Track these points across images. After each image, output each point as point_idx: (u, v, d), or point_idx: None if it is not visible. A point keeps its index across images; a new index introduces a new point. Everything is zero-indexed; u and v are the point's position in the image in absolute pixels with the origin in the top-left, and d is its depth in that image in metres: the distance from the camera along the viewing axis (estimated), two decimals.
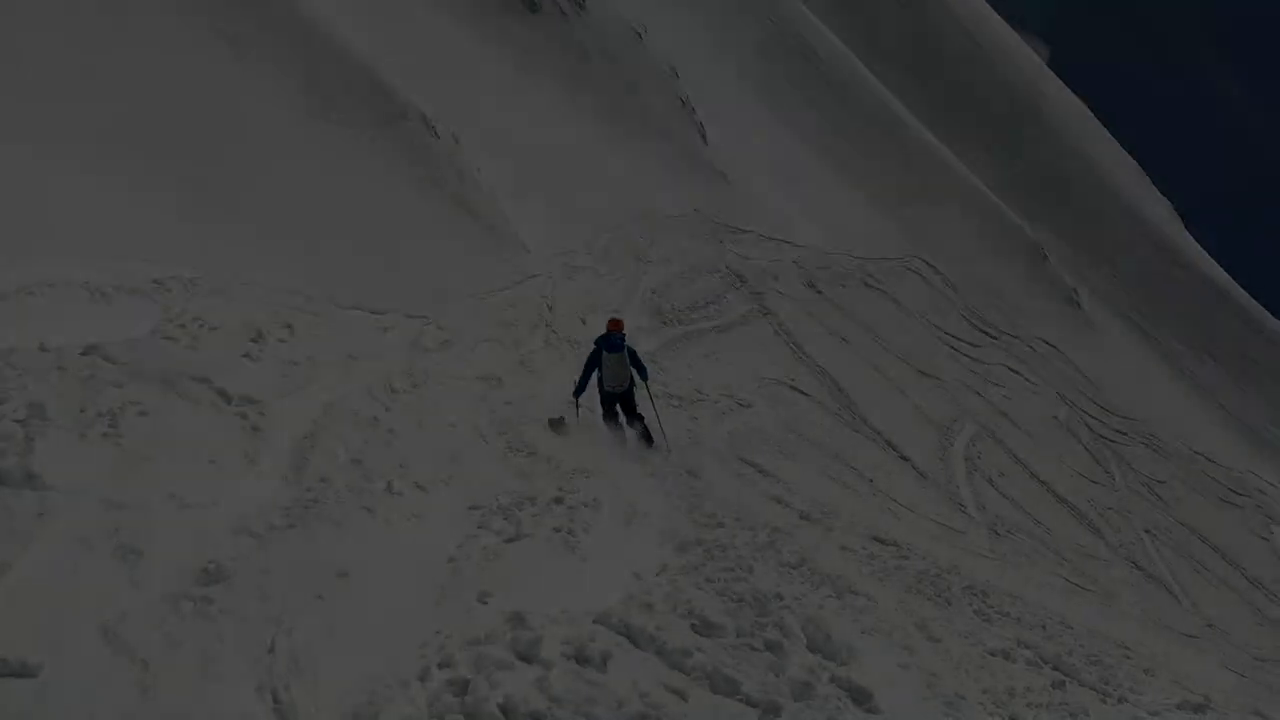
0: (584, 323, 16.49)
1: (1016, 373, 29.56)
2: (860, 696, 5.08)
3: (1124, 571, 19.22)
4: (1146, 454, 29.05)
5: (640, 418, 10.49)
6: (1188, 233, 49.48)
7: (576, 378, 10.38)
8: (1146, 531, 22.65)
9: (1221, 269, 47.87)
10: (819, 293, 25.62)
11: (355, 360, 9.57)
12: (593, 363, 10.30)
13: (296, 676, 3.63)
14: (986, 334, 31.45)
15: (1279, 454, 37.72)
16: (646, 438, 10.56)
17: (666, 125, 29.23)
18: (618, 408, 10.50)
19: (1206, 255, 48.52)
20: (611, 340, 10.23)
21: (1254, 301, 46.37)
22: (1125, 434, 29.65)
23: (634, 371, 10.39)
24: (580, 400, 10.30)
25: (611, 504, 7.66)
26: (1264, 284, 54.50)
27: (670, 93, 30.40)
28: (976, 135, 47.47)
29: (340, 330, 10.55)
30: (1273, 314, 46.43)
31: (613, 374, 10.28)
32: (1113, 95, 71.50)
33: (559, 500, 7.06)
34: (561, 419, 9.89)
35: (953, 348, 28.46)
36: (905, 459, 18.60)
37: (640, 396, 10.54)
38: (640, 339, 17.47)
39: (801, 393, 18.89)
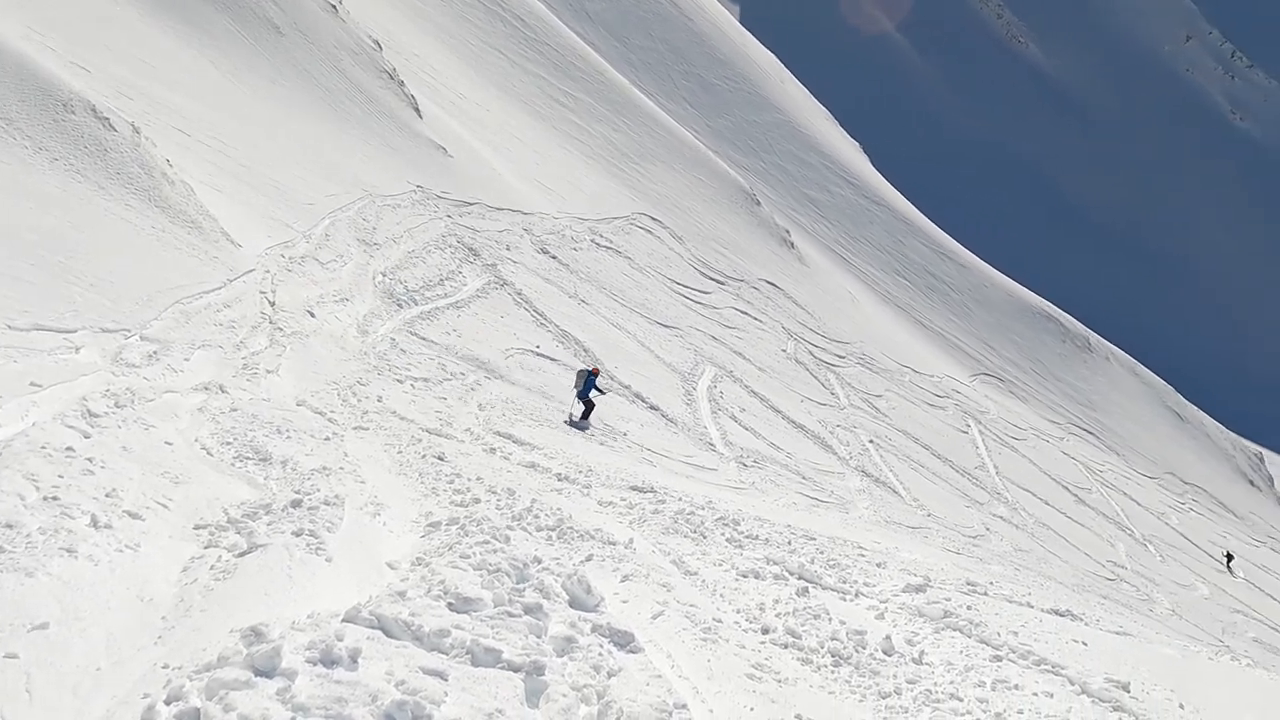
0: (312, 315, 15.63)
1: (745, 314, 31.51)
2: (622, 640, 5.26)
3: (856, 480, 21.19)
4: (863, 372, 32.08)
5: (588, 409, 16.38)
6: (875, 169, 54.70)
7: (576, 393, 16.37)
8: (871, 441, 25.07)
9: (908, 200, 53.42)
10: (553, 258, 25.86)
11: (40, 388, 8.48)
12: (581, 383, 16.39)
13: None
14: (715, 280, 33.22)
15: (967, 358, 43.01)
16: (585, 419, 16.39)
17: (376, 101, 28.08)
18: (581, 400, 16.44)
19: (894, 189, 53.92)
20: (589, 378, 16.39)
21: (937, 228, 52.22)
22: (843, 357, 32.56)
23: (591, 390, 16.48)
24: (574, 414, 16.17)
25: (356, 499, 7.36)
26: (942, 210, 61.29)
27: (375, 66, 29.19)
28: (683, 92, 49.60)
29: (18, 356, 9.28)
30: (953, 237, 52.54)
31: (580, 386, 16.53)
32: (798, 46, 77.15)
33: (297, 503, 6.68)
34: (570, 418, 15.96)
35: (686, 297, 29.82)
36: (654, 408, 19.34)
37: (590, 398, 16.39)
38: (375, 324, 16.87)
39: (548, 358, 19.06)
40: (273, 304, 15.13)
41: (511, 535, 7.09)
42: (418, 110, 29.19)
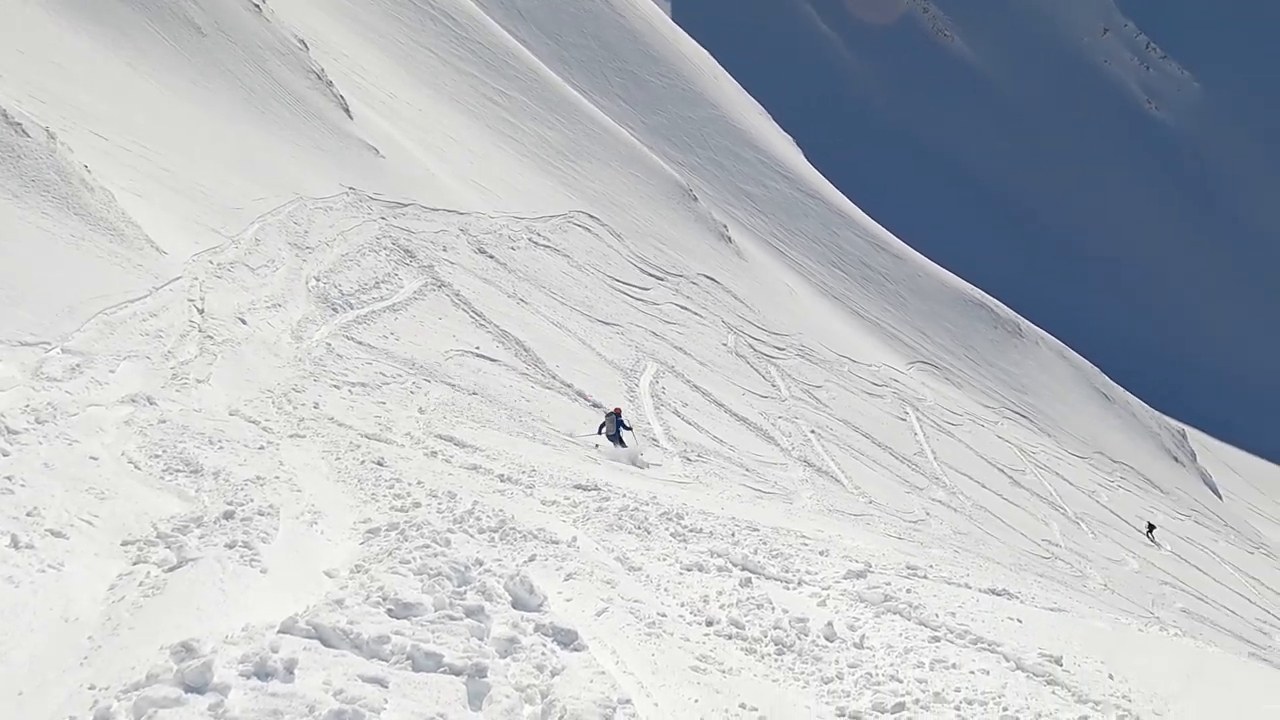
0: (244, 322, 15.29)
1: (685, 309, 31.67)
2: (566, 638, 5.25)
3: (799, 471, 21.44)
4: (803, 364, 32.47)
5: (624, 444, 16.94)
6: (809, 163, 55.37)
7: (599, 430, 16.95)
8: (812, 432, 25.39)
9: (840, 192, 54.20)
10: (491, 258, 25.67)
11: None
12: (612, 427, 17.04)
13: None
14: (654, 276, 33.31)
15: (904, 346, 43.83)
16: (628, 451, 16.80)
17: (305, 102, 27.54)
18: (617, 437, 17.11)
19: (828, 182, 54.67)
20: (618, 419, 17.11)
21: (871, 219, 53.08)
22: (783, 349, 32.93)
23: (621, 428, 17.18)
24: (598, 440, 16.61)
25: (292, 508, 7.22)
26: (875, 201, 62.28)
27: (303, 67, 28.62)
28: (616, 89, 49.62)
29: None
30: (886, 228, 53.45)
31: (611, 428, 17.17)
32: (729, 42, 77.77)
33: (230, 515, 6.52)
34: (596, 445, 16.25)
35: (626, 294, 29.85)
36: (597, 406, 19.31)
37: (626, 437, 17.08)
38: (310, 329, 16.56)
39: (488, 359, 18.92)
40: (202, 312, 14.77)
41: (453, 538, 7.03)
42: (348, 111, 28.72)
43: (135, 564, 5.60)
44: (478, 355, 18.77)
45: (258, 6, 28.95)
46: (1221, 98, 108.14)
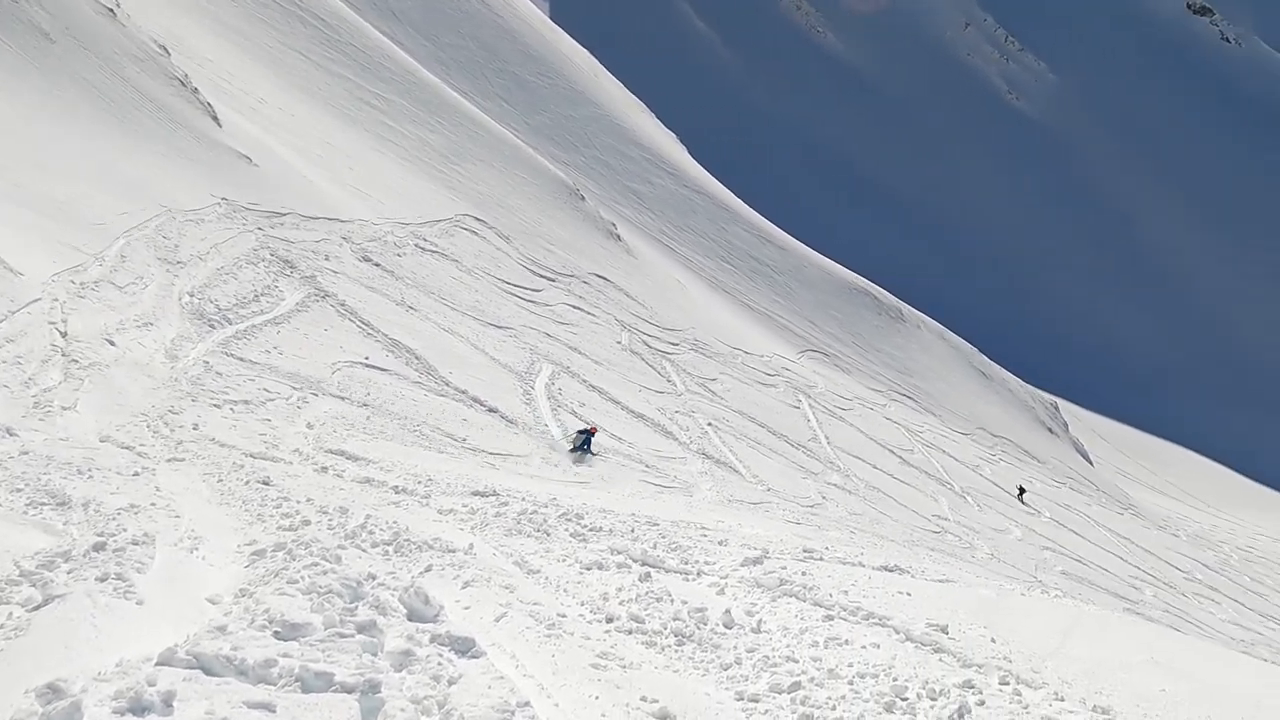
0: (112, 344, 14.54)
1: (578, 309, 31.64)
2: (463, 646, 5.20)
3: (698, 463, 21.71)
4: (697, 358, 32.88)
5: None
6: (693, 159, 56.06)
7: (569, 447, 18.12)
8: (709, 424, 25.74)
9: (726, 188, 55.07)
10: (376, 265, 25.09)
11: None
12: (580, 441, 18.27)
13: None
14: (545, 278, 33.16)
15: (794, 336, 44.90)
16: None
17: (168, 110, 26.32)
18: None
19: (713, 177, 55.46)
20: (586, 435, 18.46)
21: (756, 213, 54.11)
22: (676, 344, 33.27)
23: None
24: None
25: (170, 535, 6.91)
26: (759, 195, 63.48)
27: (164, 73, 27.34)
28: (497, 90, 49.17)
29: None
30: (771, 221, 54.58)
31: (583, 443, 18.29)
32: (608, 40, 78.09)
33: (100, 547, 6.19)
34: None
35: (517, 296, 29.62)
36: (493, 411, 19.11)
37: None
38: (186, 347, 15.85)
39: (379, 369, 18.50)
40: (65, 335, 13.97)
41: (344, 554, 6.86)
42: (216, 118, 27.58)
43: None
44: (367, 366, 18.33)
45: (112, 11, 27.51)
46: (1075, 86, 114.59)
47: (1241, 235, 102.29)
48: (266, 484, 9.91)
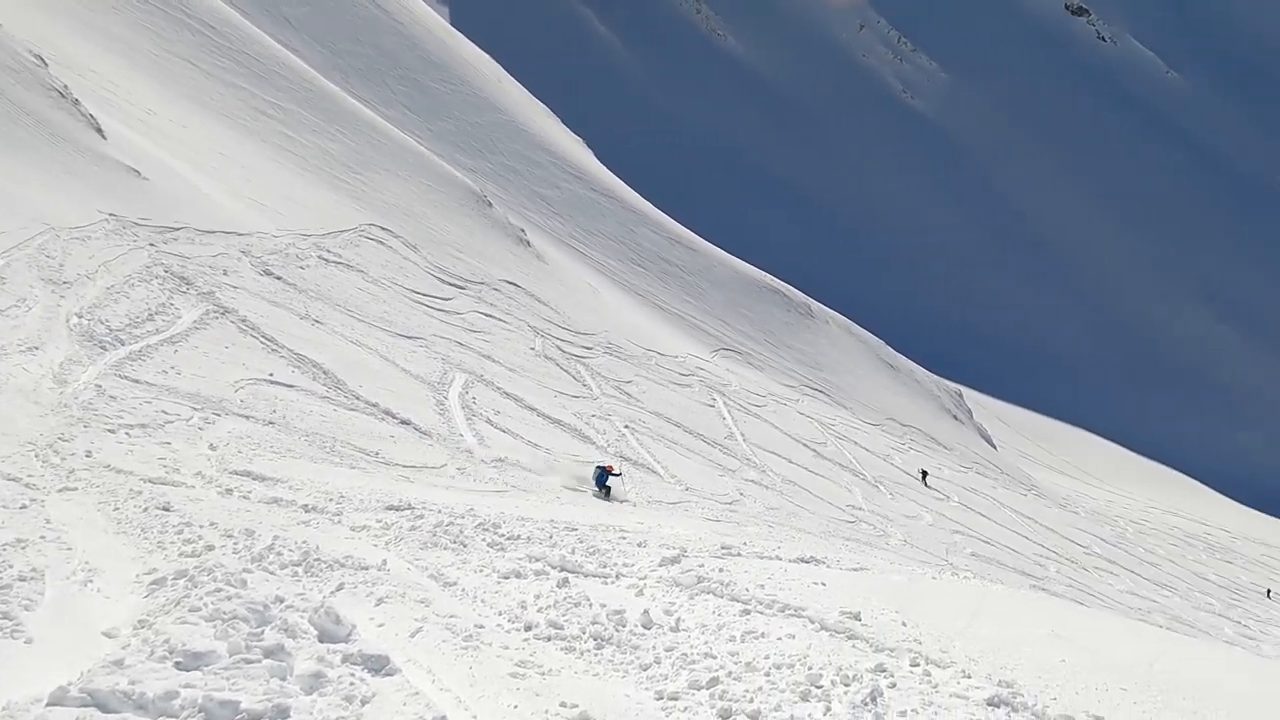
0: None
1: (490, 316, 31.36)
2: (376, 664, 5.11)
3: (616, 466, 21.75)
4: (611, 361, 32.95)
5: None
6: (600, 163, 56.17)
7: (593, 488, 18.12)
8: (626, 427, 25.83)
9: (634, 191, 55.32)
10: (278, 279, 24.39)
11: None
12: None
13: None
14: (455, 286, 32.77)
15: (706, 335, 45.40)
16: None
17: (48, 123, 25.08)
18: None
19: (620, 181, 55.64)
20: (604, 472, 18.37)
21: (665, 215, 54.51)
22: (590, 348, 33.28)
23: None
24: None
25: (61, 569, 6.59)
26: (667, 197, 63.93)
27: (42, 84, 26.06)
28: (399, 97, 48.38)
29: None
30: (680, 223, 55.06)
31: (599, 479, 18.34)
32: (509, 45, 77.68)
33: None
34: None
35: (427, 306, 29.20)
36: (406, 423, 18.79)
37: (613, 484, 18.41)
38: (76, 371, 15.13)
39: (284, 385, 17.98)
40: None
41: (249, 578, 6.65)
42: (100, 130, 26.41)
43: None
44: (272, 382, 17.79)
45: None
46: (967, 85, 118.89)
47: (1131, 220, 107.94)
48: (167, 510, 9.52)
